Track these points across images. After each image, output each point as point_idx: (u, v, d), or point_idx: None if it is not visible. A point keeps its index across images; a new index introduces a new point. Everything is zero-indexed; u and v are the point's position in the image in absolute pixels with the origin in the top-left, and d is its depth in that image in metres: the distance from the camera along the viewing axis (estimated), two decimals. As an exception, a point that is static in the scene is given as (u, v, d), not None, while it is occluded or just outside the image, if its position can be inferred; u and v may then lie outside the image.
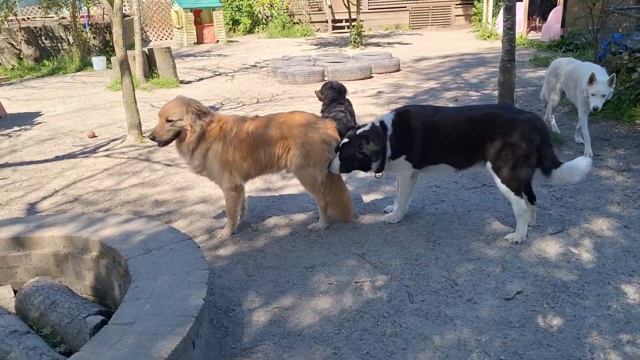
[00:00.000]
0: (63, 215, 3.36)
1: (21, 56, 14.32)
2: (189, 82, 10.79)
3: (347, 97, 5.83)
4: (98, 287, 3.02)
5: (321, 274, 3.23)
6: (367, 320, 2.76)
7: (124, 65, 5.92)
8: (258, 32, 21.63)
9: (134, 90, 6.05)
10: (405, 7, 22.02)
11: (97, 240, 2.95)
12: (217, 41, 18.60)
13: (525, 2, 15.20)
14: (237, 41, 19.24)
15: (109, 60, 13.22)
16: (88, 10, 14.42)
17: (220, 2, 19.38)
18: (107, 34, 14.65)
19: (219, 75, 11.83)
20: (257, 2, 21.06)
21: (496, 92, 8.33)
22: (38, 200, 4.60)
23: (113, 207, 4.37)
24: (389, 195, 4.43)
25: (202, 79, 11.32)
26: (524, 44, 14.35)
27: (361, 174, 4.77)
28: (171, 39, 20.35)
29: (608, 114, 6.37)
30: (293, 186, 4.71)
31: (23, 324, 2.61)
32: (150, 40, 19.74)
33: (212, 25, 18.55)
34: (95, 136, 6.52)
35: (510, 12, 5.51)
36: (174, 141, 3.57)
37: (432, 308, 2.85)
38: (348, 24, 20.79)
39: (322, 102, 6.10)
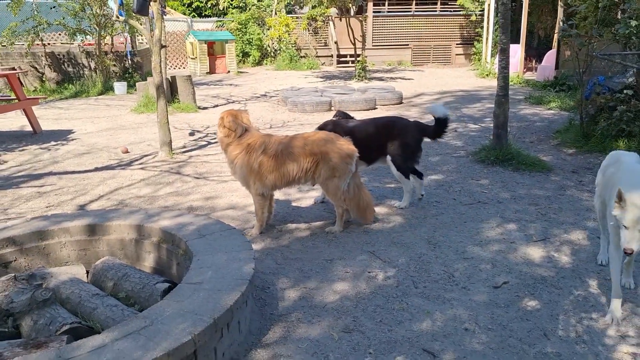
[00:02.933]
0: (123, 210, 3.98)
1: (44, 79, 15.10)
2: (205, 108, 11.51)
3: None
4: (156, 267, 3.61)
5: (339, 265, 3.83)
6: (379, 299, 3.36)
7: (160, 90, 6.63)
8: (266, 64, 22.59)
9: (167, 111, 6.73)
10: (407, 44, 23.08)
11: (158, 228, 3.57)
12: (228, 71, 19.49)
13: (522, 44, 16.15)
14: (246, 72, 20.15)
15: (129, 86, 14.03)
16: (112, 38, 15.27)
17: (233, 36, 20.37)
18: (127, 61, 15.47)
19: (232, 102, 12.57)
20: (267, 36, 22.08)
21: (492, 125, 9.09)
22: (86, 203, 5.21)
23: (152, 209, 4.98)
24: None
25: (217, 105, 12.06)
26: (520, 83, 15.22)
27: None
28: (184, 68, 21.26)
29: (593, 147, 7.04)
30: (309, 198, 5.34)
31: (101, 290, 3.20)
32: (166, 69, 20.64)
33: (224, 57, 19.48)
34: (128, 152, 7.17)
35: (504, 54, 6.25)
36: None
37: (433, 292, 3.44)
38: (352, 58, 21.83)
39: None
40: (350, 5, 16.88)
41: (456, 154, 7.00)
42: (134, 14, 6.93)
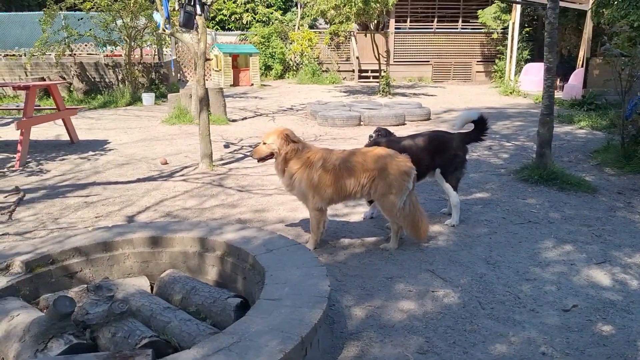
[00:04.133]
0: (184, 222, 3.98)
1: (71, 89, 15.32)
2: (234, 120, 11.57)
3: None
4: (220, 281, 3.59)
5: (400, 284, 3.78)
6: (448, 320, 3.30)
7: (203, 102, 6.67)
8: (288, 77, 22.75)
9: (209, 124, 6.76)
10: (428, 61, 23.15)
11: (222, 241, 3.55)
12: (252, 84, 19.64)
13: (548, 62, 16.07)
14: (269, 85, 20.28)
15: (157, 97, 14.17)
16: (141, 50, 15.47)
17: (257, 49, 20.56)
18: (153, 73, 15.63)
19: (260, 115, 12.64)
20: (289, 50, 22.26)
21: (527, 143, 9.05)
22: (134, 214, 5.22)
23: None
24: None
25: (245, 118, 12.12)
26: (545, 102, 15.14)
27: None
28: (207, 80, 21.46)
29: (635, 168, 6.95)
30: (357, 213, 5.31)
31: (170, 304, 3.18)
32: (187, 80, 20.83)
33: (248, 70, 19.64)
34: (167, 163, 7.20)
35: (550, 72, 6.21)
36: (273, 160, 4.31)
37: (502, 314, 3.38)
38: (374, 74, 21.92)
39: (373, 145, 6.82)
40: (375, 20, 16.94)
41: (497, 172, 6.94)
42: (178, 28, 7.00)
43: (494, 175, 6.81)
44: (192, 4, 6.53)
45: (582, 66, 16.20)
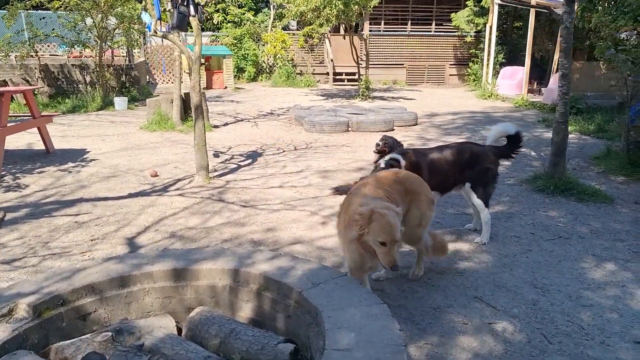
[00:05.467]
0: (206, 250, 3.51)
1: (35, 92, 14.38)
2: (216, 126, 11.02)
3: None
4: (256, 318, 3.14)
5: (451, 314, 3.43)
6: (518, 359, 2.96)
7: (199, 110, 6.15)
8: (261, 80, 22.23)
9: (205, 134, 6.26)
10: (403, 64, 23.06)
11: (258, 274, 3.11)
12: (226, 87, 19.04)
13: (527, 67, 16.19)
14: (243, 88, 19.71)
15: (129, 101, 13.45)
16: (112, 52, 14.68)
17: (230, 51, 19.97)
18: (124, 75, 14.88)
19: (241, 121, 12.12)
20: (262, 52, 21.74)
21: (524, 150, 8.85)
22: (133, 235, 4.69)
23: (213, 244, 4.50)
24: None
25: (227, 123, 11.59)
26: (525, 105, 15.21)
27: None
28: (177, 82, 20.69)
29: (645, 176, 6.84)
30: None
31: (209, 352, 2.72)
32: (157, 83, 20.05)
33: (222, 72, 19.02)
34: (158, 175, 6.65)
35: (565, 79, 6.00)
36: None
37: (573, 349, 3.07)
38: (348, 77, 21.65)
39: (378, 153, 6.46)
40: (353, 22, 16.65)
41: (507, 182, 6.70)
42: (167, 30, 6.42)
43: (504, 185, 6.56)
44: (185, 4, 6.02)
45: (556, 70, 16.37)
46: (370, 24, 22.27)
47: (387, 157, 4.42)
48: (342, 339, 2.45)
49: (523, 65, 16.98)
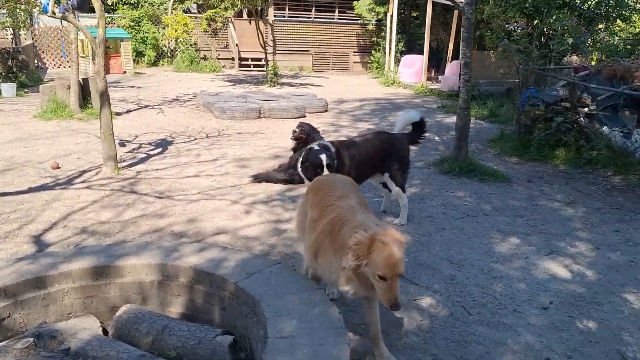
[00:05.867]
0: (129, 244, 3.34)
1: None
2: (118, 113, 10.41)
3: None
4: (187, 312, 3.06)
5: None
6: (445, 332, 3.15)
7: (104, 97, 5.77)
8: (163, 65, 21.28)
9: (111, 121, 5.90)
10: (308, 51, 23.19)
11: (189, 267, 3.02)
12: (125, 72, 18.02)
13: (426, 56, 16.97)
14: (144, 73, 18.77)
15: (18, 87, 12.32)
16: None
17: (128, 34, 18.91)
18: (10, 60, 13.58)
19: (145, 107, 11.56)
20: (163, 35, 20.82)
21: (428, 134, 9.31)
22: (39, 232, 4.34)
23: (131, 238, 4.29)
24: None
25: (130, 110, 11.00)
26: (425, 92, 15.96)
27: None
28: (70, 67, 19.22)
29: (533, 156, 7.49)
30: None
31: (142, 350, 2.61)
32: (47, 68, 18.51)
33: (119, 56, 17.96)
34: (59, 167, 6.18)
35: (467, 67, 6.39)
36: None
37: (490, 318, 3.32)
38: (254, 62, 21.40)
39: (295, 140, 6.48)
40: (259, 7, 16.44)
41: (417, 166, 7.02)
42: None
43: (415, 168, 6.86)
44: (86, -18, 5.60)
45: (451, 59, 17.36)
46: (274, 9, 22.13)
47: (316, 143, 4.40)
48: (284, 327, 2.46)
49: (421, 54, 17.79)
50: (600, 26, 11.88)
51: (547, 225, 4.99)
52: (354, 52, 23.92)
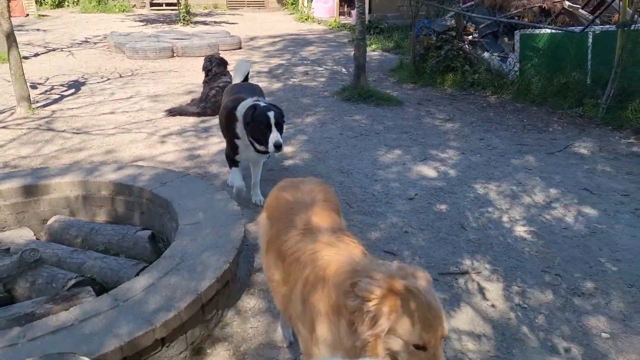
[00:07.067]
0: (54, 168, 3.79)
1: None
2: (26, 57, 10.18)
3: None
4: (111, 220, 3.61)
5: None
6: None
7: (11, 39, 5.89)
8: (68, 6, 20.26)
9: (21, 62, 6.05)
10: (222, -13, 22.72)
11: (109, 181, 3.55)
12: (27, 15, 17.08)
13: (338, -10, 17.29)
14: (48, 15, 17.87)
15: None
16: None
17: (25, -28, 17.75)
18: None
19: (53, 50, 11.34)
20: (65, -27, 19.69)
21: (336, 67, 9.97)
22: (-38, 169, 4.64)
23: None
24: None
25: (38, 54, 10.79)
26: (338, 27, 16.41)
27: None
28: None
29: (426, 82, 8.33)
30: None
31: (71, 247, 3.16)
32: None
33: (19, -3, 16.95)
34: (-29, 110, 6.30)
35: (361, 1, 6.97)
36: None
37: (367, 209, 4.12)
38: (167, 1, 20.79)
39: (204, 71, 6.90)
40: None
41: (322, 95, 7.67)
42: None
43: (320, 98, 7.52)
44: None
45: (365, -7, 17.82)
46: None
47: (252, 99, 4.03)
48: (192, 218, 3.09)
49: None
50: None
51: (427, 138, 5.85)
52: (270, -12, 23.70)
